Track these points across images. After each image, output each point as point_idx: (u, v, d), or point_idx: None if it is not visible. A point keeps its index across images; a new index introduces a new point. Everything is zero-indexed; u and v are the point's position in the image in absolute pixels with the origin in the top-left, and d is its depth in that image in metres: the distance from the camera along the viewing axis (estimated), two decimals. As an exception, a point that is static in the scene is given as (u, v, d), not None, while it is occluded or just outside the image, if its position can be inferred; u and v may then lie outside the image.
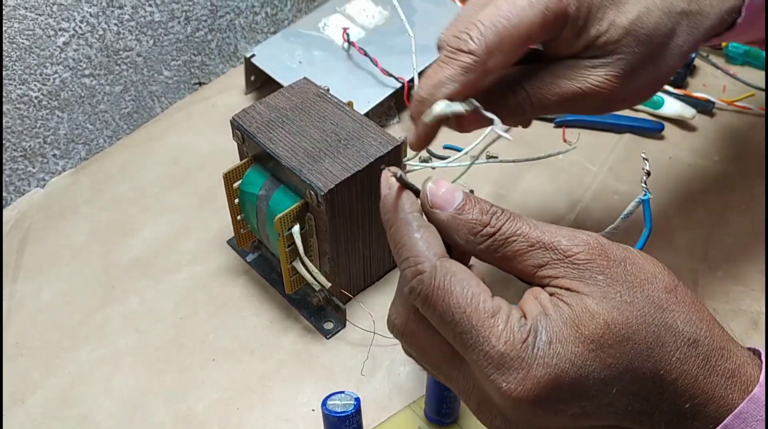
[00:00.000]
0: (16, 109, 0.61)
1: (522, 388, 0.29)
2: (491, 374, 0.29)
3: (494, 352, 0.29)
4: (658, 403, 0.30)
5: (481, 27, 0.37)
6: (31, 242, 0.61)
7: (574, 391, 0.29)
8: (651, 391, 0.30)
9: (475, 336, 0.30)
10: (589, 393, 0.29)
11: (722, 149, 0.68)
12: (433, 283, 0.31)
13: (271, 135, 0.50)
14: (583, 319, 0.30)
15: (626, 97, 0.42)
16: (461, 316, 0.30)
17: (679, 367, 0.30)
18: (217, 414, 0.49)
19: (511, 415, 0.31)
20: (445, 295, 0.31)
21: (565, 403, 0.30)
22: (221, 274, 0.58)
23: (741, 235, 0.60)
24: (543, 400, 0.29)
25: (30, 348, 0.53)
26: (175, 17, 0.70)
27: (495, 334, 0.30)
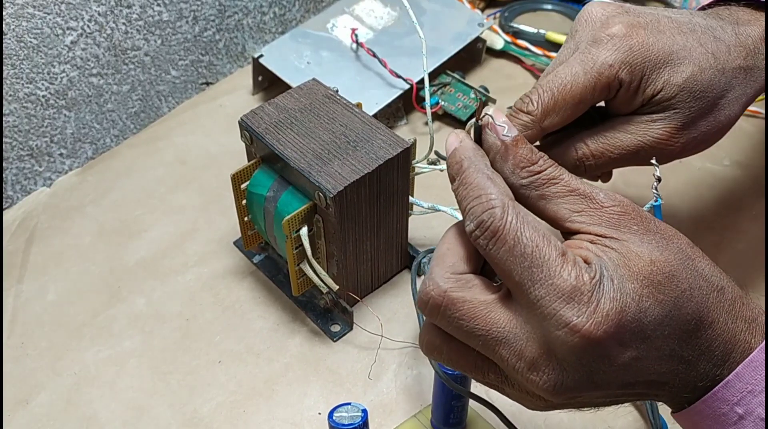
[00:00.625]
0: (23, 107, 0.61)
1: (592, 322, 0.29)
2: (560, 309, 0.30)
3: (566, 285, 0.30)
4: (697, 349, 0.32)
5: (540, 91, 0.41)
6: (37, 242, 0.61)
7: (634, 330, 0.30)
8: (692, 335, 0.32)
9: (546, 270, 0.30)
10: (645, 333, 0.30)
11: (732, 153, 0.67)
12: (505, 217, 0.31)
13: (280, 136, 0.50)
14: (631, 258, 0.31)
15: (686, 147, 0.44)
16: (533, 249, 0.31)
17: (713, 311, 0.32)
18: (223, 416, 0.49)
19: (570, 361, 0.30)
20: (518, 229, 0.31)
21: (624, 346, 0.30)
22: (228, 275, 0.58)
23: (751, 240, 0.59)
24: (609, 337, 0.30)
25: (35, 348, 0.53)
26: (183, 17, 0.69)
27: (567, 269, 0.30)
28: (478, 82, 0.72)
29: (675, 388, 0.33)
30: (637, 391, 0.33)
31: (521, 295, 0.31)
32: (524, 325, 0.31)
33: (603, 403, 0.34)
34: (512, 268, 0.31)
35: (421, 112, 0.71)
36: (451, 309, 0.32)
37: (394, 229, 0.53)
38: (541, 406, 0.34)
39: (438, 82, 0.71)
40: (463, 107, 0.70)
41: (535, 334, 0.31)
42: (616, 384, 0.32)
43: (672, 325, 0.31)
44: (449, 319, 0.33)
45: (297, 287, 0.52)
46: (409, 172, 0.51)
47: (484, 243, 0.32)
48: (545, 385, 0.31)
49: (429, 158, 0.58)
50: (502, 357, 0.32)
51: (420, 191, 0.58)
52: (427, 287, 0.33)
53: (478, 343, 0.32)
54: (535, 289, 0.31)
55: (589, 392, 0.32)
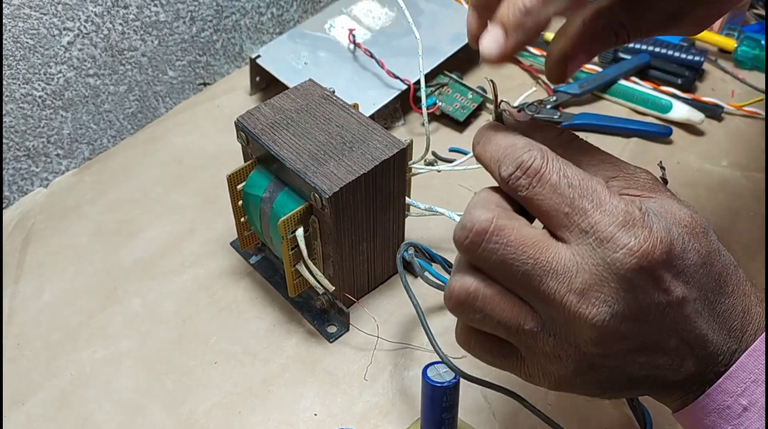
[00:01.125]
0: (19, 108, 0.61)
1: (649, 243, 0.30)
2: (616, 233, 0.30)
3: (618, 211, 0.30)
4: (720, 314, 0.32)
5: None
6: (34, 242, 0.61)
7: (680, 267, 0.31)
8: (718, 295, 0.32)
9: (596, 199, 0.31)
10: (687, 272, 0.31)
11: (730, 154, 0.67)
12: (546, 157, 0.32)
13: (276, 137, 0.50)
14: (670, 210, 0.32)
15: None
16: (580, 182, 0.31)
17: (733, 280, 0.33)
18: (219, 417, 0.49)
19: (624, 288, 0.30)
20: (560, 166, 0.32)
21: (675, 277, 0.31)
22: (224, 276, 0.58)
23: (749, 241, 0.59)
24: (663, 262, 0.30)
25: (31, 349, 0.53)
26: (181, 17, 0.69)
27: (616, 198, 0.31)
28: (476, 82, 0.72)
29: (700, 358, 0.32)
30: (670, 350, 0.32)
31: (571, 227, 0.31)
32: (574, 256, 0.31)
33: (632, 367, 0.32)
34: (559, 203, 0.31)
35: (418, 112, 0.70)
36: (498, 235, 0.31)
37: (390, 230, 0.53)
38: (564, 374, 0.32)
39: (436, 82, 0.71)
40: (460, 108, 0.69)
41: (587, 265, 0.30)
42: (659, 328, 0.31)
43: (705, 278, 0.32)
44: (494, 248, 0.31)
45: (293, 288, 0.52)
46: (405, 173, 0.51)
47: (527, 182, 0.32)
48: (595, 318, 0.30)
49: (426, 159, 0.58)
50: (549, 290, 0.31)
51: (417, 192, 0.58)
52: (471, 217, 0.32)
53: (524, 277, 0.31)
54: (588, 216, 0.31)
55: (633, 336, 0.31)
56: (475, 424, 0.48)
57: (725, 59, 0.77)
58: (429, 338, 0.44)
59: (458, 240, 0.32)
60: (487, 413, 0.49)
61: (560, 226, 0.31)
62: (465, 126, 0.70)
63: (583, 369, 0.32)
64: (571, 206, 0.31)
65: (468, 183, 0.64)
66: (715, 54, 0.78)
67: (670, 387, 0.34)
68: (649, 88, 0.72)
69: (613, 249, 0.30)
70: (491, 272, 0.32)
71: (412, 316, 0.55)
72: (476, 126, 0.71)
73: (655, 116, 0.70)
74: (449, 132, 0.70)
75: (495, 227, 0.31)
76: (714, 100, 0.70)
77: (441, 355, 0.42)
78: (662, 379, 0.33)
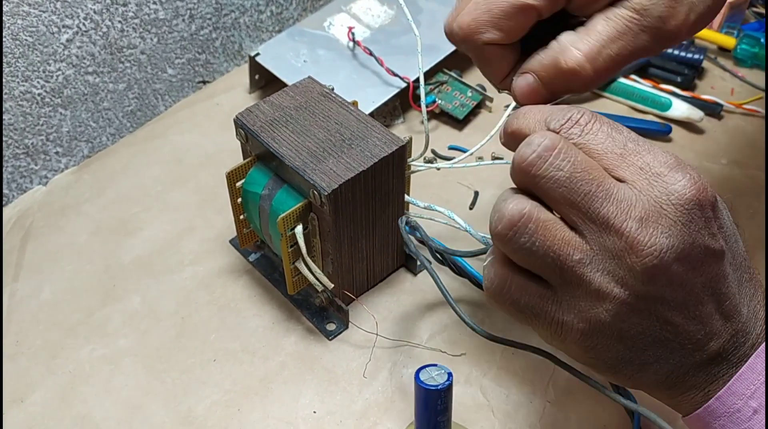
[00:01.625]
0: (18, 106, 0.61)
1: (702, 182, 0.31)
2: (671, 170, 0.31)
3: (669, 155, 0.32)
4: (745, 294, 0.34)
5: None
6: (33, 240, 0.61)
7: (720, 219, 0.33)
8: (743, 273, 0.34)
9: (646, 144, 0.32)
10: (725, 230, 0.33)
11: (730, 152, 0.67)
12: (594, 113, 0.33)
13: (275, 134, 0.50)
14: None
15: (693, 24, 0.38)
16: (629, 132, 0.33)
17: (750, 266, 0.35)
18: (218, 415, 0.49)
19: (681, 220, 0.31)
20: (609, 120, 0.33)
21: (717, 228, 0.32)
22: (223, 274, 0.58)
23: (749, 239, 0.59)
24: (712, 204, 0.32)
25: (30, 347, 0.53)
26: (180, 15, 0.69)
27: (662, 150, 0.32)
28: (476, 80, 0.72)
29: (729, 334, 0.33)
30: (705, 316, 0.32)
31: (626, 166, 0.32)
32: (632, 189, 0.31)
33: (666, 328, 0.32)
34: (612, 146, 0.32)
35: (417, 110, 0.70)
36: (567, 152, 0.31)
37: (389, 227, 0.53)
38: (601, 319, 0.32)
39: (435, 80, 0.71)
40: (460, 106, 0.69)
41: (645, 197, 0.31)
42: (701, 285, 0.32)
43: (735, 245, 0.33)
44: (561, 164, 0.31)
45: (292, 286, 0.52)
46: (404, 171, 0.51)
47: (579, 130, 0.32)
48: (652, 248, 0.30)
49: (425, 157, 0.58)
50: (610, 214, 0.31)
51: (416, 190, 0.58)
52: (534, 138, 0.32)
53: (586, 198, 0.31)
54: (642, 156, 0.32)
55: (679, 285, 0.31)
56: (474, 421, 0.48)
57: (725, 57, 0.77)
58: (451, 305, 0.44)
59: (522, 156, 0.32)
60: (486, 411, 0.49)
61: (615, 167, 0.32)
62: (464, 124, 0.70)
63: (622, 314, 0.32)
64: (624, 148, 0.32)
65: (467, 181, 0.64)
66: (715, 52, 0.78)
67: (688, 372, 0.33)
68: (649, 86, 0.72)
69: (672, 182, 0.31)
70: (551, 193, 0.32)
71: (412, 313, 0.55)
72: (475, 124, 0.70)
73: (655, 114, 0.70)
74: (448, 130, 0.70)
75: (563, 145, 0.32)
76: (713, 98, 0.70)
77: (462, 316, 0.42)
78: (686, 354, 0.33)
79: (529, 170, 0.32)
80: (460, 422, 0.48)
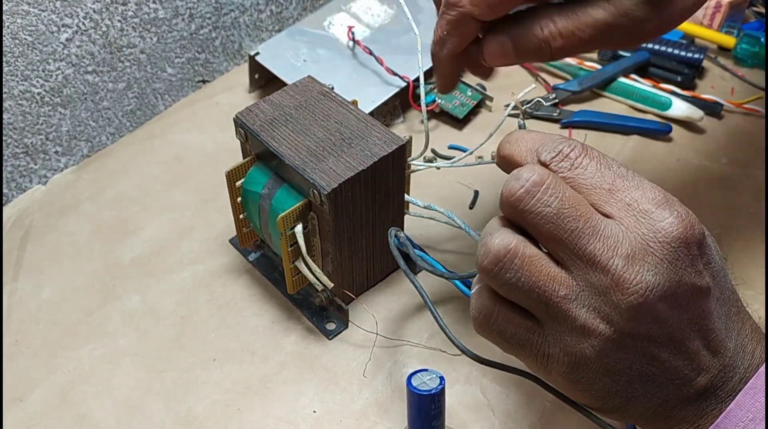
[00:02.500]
0: (18, 105, 0.61)
1: (689, 220, 0.31)
2: (658, 207, 0.31)
3: (657, 191, 0.32)
4: (733, 329, 0.34)
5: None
6: (32, 239, 0.60)
7: (708, 256, 0.33)
8: (731, 308, 0.34)
9: (635, 179, 0.32)
10: (712, 267, 0.33)
11: (730, 151, 0.67)
12: (586, 146, 0.33)
13: (275, 133, 0.50)
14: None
15: (662, 24, 0.41)
16: (618, 166, 0.33)
17: (739, 300, 0.35)
18: (218, 415, 0.49)
19: (668, 259, 0.31)
20: (600, 154, 0.33)
21: (706, 264, 0.32)
22: (223, 273, 0.58)
23: (749, 238, 0.59)
24: (700, 243, 0.32)
25: (29, 346, 0.53)
26: (179, 14, 0.69)
27: (651, 184, 0.33)
28: (476, 80, 0.72)
29: (716, 369, 0.33)
30: (692, 352, 0.32)
31: (614, 202, 0.32)
32: (619, 226, 0.31)
33: (652, 364, 0.32)
34: (601, 181, 0.32)
35: (417, 110, 0.70)
36: (554, 188, 0.32)
37: (389, 227, 0.53)
38: (586, 354, 0.32)
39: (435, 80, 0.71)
40: (460, 105, 0.69)
41: (632, 234, 0.31)
42: (687, 322, 0.32)
43: (723, 280, 0.33)
44: (549, 200, 0.31)
45: (292, 285, 0.52)
46: (404, 170, 0.51)
47: (569, 164, 0.33)
48: (638, 285, 0.30)
49: (425, 156, 0.58)
50: (596, 250, 0.31)
51: (416, 189, 0.58)
52: (521, 173, 0.32)
53: (572, 234, 0.31)
54: (630, 192, 0.32)
55: (665, 322, 0.31)
56: (474, 421, 0.48)
57: (725, 57, 0.77)
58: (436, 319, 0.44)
59: (510, 191, 0.32)
60: (486, 410, 0.49)
61: (603, 203, 0.32)
62: (464, 123, 0.70)
63: (608, 350, 0.32)
64: (612, 184, 0.32)
65: (467, 180, 0.64)
66: (715, 51, 0.78)
67: (676, 406, 0.33)
68: (649, 85, 0.72)
69: (659, 219, 0.31)
70: (538, 228, 0.32)
71: (412, 312, 0.55)
72: (475, 123, 0.70)
73: (655, 113, 0.70)
74: (448, 129, 0.70)
75: (551, 181, 0.32)
76: (714, 97, 0.70)
77: (449, 335, 0.42)
78: (674, 389, 0.33)
79: (516, 205, 0.32)
80: (460, 422, 0.48)
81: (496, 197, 0.58)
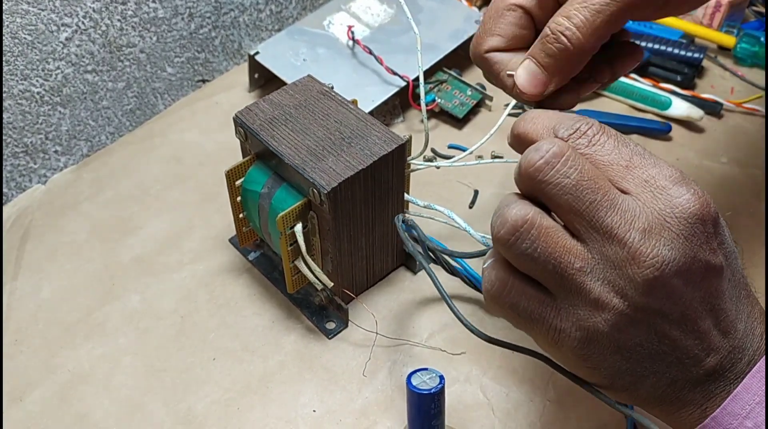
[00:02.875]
0: (17, 104, 0.61)
1: (704, 198, 0.31)
2: (675, 184, 0.31)
3: (674, 169, 0.32)
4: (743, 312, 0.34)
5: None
6: (32, 239, 0.60)
7: (721, 235, 0.33)
8: (741, 290, 0.34)
9: (652, 157, 0.33)
10: (725, 247, 0.33)
11: (730, 151, 0.67)
12: (603, 124, 0.33)
13: (274, 132, 0.50)
14: None
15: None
16: (635, 145, 0.33)
17: (749, 284, 0.35)
18: (218, 414, 0.49)
19: (683, 234, 0.31)
20: (617, 133, 0.33)
21: (718, 245, 0.32)
22: (223, 272, 0.58)
23: (749, 238, 0.59)
24: (714, 220, 0.32)
25: (29, 345, 0.53)
26: (179, 14, 0.69)
27: (667, 164, 0.33)
28: (475, 79, 0.72)
29: (726, 350, 0.33)
30: (703, 331, 0.32)
31: (632, 178, 0.32)
32: (636, 201, 0.31)
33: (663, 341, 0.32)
34: (618, 157, 0.32)
35: (417, 109, 0.70)
36: (575, 159, 0.32)
37: (389, 226, 0.53)
38: (599, 329, 0.32)
39: (435, 79, 0.71)
40: (459, 105, 0.69)
41: (649, 209, 0.31)
42: (700, 300, 0.32)
43: (735, 263, 0.33)
44: (569, 172, 0.31)
45: (292, 284, 0.52)
46: (404, 169, 0.51)
47: (586, 140, 0.33)
48: (654, 259, 0.30)
49: (425, 155, 0.58)
50: (614, 223, 0.31)
51: (416, 189, 0.58)
52: (542, 144, 0.32)
53: (591, 206, 0.31)
54: (648, 169, 0.32)
55: (678, 299, 0.31)
56: (474, 420, 0.48)
57: (725, 56, 0.77)
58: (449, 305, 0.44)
59: (530, 161, 0.32)
60: (486, 409, 0.49)
61: (621, 179, 0.32)
62: (464, 123, 0.70)
63: (620, 324, 0.32)
64: (630, 161, 0.32)
65: (467, 179, 0.64)
66: (715, 51, 0.78)
67: (685, 387, 0.33)
68: (649, 85, 0.72)
69: (676, 195, 0.31)
70: (556, 199, 0.32)
71: (411, 312, 0.55)
72: (475, 123, 0.70)
73: (655, 113, 0.70)
74: (448, 129, 0.70)
75: (571, 154, 0.32)
76: (713, 97, 0.70)
77: (461, 318, 0.42)
78: (684, 369, 0.33)
79: (536, 176, 0.32)
80: (460, 421, 0.48)
81: (496, 196, 0.58)
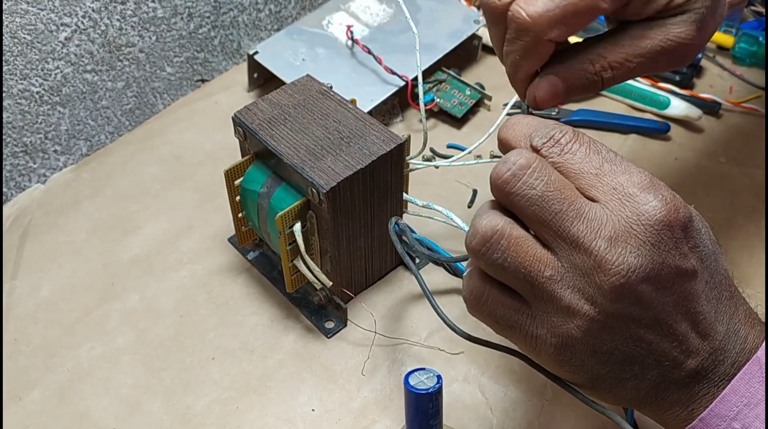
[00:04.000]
0: (17, 104, 0.61)
1: (674, 204, 0.32)
2: (643, 191, 0.32)
3: (644, 176, 0.32)
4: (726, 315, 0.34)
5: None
6: (32, 238, 0.60)
7: (695, 239, 0.33)
8: (722, 293, 0.34)
9: (623, 164, 0.33)
10: (700, 251, 0.33)
11: (728, 150, 0.67)
12: (577, 132, 0.34)
13: (273, 132, 0.50)
14: None
15: (701, 44, 0.42)
16: (607, 152, 0.33)
17: (733, 284, 0.35)
18: (217, 413, 0.49)
19: (650, 241, 0.31)
20: (590, 140, 0.34)
21: (692, 249, 0.32)
22: (222, 272, 0.58)
23: (747, 237, 0.59)
24: (685, 225, 0.32)
25: (28, 345, 0.53)
26: (178, 13, 0.69)
27: (638, 169, 0.33)
28: (474, 79, 0.72)
29: (706, 352, 0.33)
30: (679, 334, 0.32)
31: (600, 186, 0.32)
32: (603, 209, 0.32)
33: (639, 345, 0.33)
34: (589, 166, 0.33)
35: (416, 109, 0.70)
36: (540, 171, 0.32)
37: (387, 225, 0.53)
38: (572, 334, 0.32)
39: (434, 79, 0.71)
40: (458, 104, 0.69)
41: (616, 217, 0.31)
42: (672, 305, 0.32)
43: (714, 264, 0.33)
44: (534, 183, 0.32)
45: (291, 284, 0.52)
46: (403, 169, 0.51)
47: (558, 149, 0.33)
48: (620, 267, 0.31)
49: (424, 155, 0.58)
50: (579, 232, 0.31)
51: (415, 188, 0.58)
52: (509, 157, 0.33)
53: (556, 217, 0.32)
54: (617, 176, 0.32)
55: (649, 304, 0.32)
56: (472, 419, 0.48)
57: (723, 56, 0.77)
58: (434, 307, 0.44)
59: (498, 174, 0.33)
60: (484, 409, 0.49)
61: (590, 187, 0.33)
62: (463, 122, 0.70)
63: (593, 330, 0.32)
64: (600, 168, 0.33)
65: (466, 179, 0.64)
66: (714, 51, 0.78)
67: (668, 388, 0.34)
68: (647, 84, 0.72)
69: (642, 202, 0.31)
70: (524, 210, 0.33)
71: (410, 311, 0.55)
72: (474, 122, 0.71)
73: (653, 113, 0.70)
74: (447, 128, 0.70)
75: (537, 165, 0.32)
76: (712, 96, 0.70)
77: (447, 321, 0.42)
78: (664, 371, 0.33)
79: (503, 188, 0.33)
80: (458, 420, 0.48)
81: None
